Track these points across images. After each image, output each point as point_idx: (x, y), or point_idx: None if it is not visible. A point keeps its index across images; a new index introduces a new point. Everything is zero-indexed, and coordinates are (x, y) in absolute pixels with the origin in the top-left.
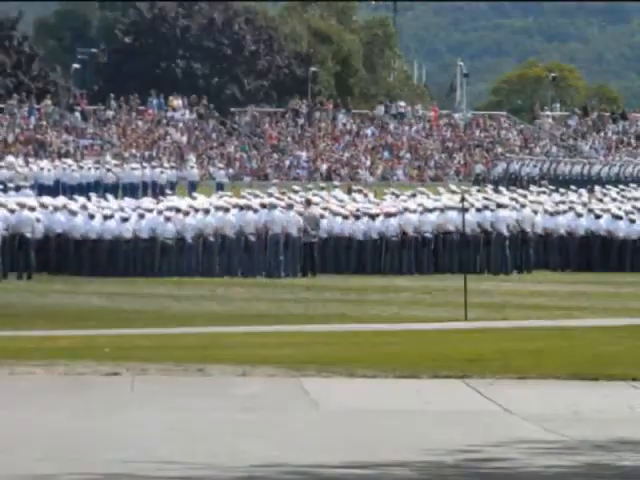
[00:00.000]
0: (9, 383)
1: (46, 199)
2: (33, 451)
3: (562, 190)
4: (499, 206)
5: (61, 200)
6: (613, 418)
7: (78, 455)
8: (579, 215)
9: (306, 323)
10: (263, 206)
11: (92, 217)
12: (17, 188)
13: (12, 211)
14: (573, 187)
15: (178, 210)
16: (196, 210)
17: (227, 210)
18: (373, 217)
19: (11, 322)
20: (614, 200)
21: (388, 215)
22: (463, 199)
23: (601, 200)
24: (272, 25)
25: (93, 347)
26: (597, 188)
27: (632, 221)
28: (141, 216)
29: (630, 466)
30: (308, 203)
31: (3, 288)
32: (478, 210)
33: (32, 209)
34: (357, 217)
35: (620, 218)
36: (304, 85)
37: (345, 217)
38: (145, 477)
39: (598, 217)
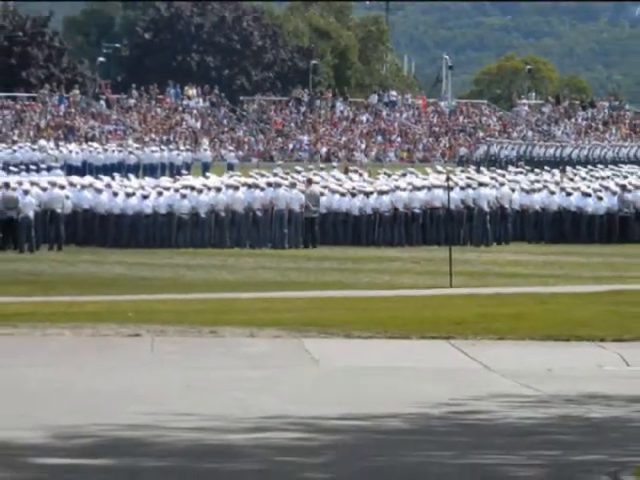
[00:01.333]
0: (41, 344)
1: (74, 178)
2: (62, 404)
3: (537, 170)
4: (480, 184)
5: (88, 179)
6: (582, 375)
7: (102, 408)
8: (552, 193)
9: (307, 289)
10: (269, 185)
11: (116, 194)
12: (48, 168)
13: (44, 189)
14: (547, 168)
15: (193, 188)
16: (209, 188)
17: (237, 188)
18: (367, 194)
19: (43, 289)
20: (583, 179)
21: (381, 193)
22: (448, 178)
23: (572, 179)
24: (277, 23)
25: (116, 311)
26: (568, 168)
27: (600, 198)
28: (160, 194)
29: (598, 418)
30: (309, 182)
31: (36, 258)
32: (462, 188)
33: (62, 187)
34: (353, 194)
35: (589, 195)
36: (306, 76)
37: (342, 194)
38: (163, 427)
39: (569, 194)
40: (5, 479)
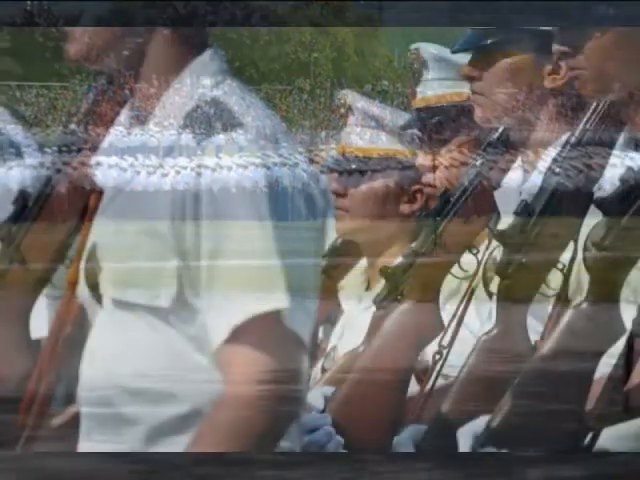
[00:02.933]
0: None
1: (101, 158)
2: (83, 358)
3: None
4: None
5: (113, 159)
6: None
7: (124, 363)
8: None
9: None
10: (274, 164)
11: (138, 173)
12: (78, 150)
13: (74, 168)
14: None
15: (207, 167)
16: (221, 167)
17: (246, 167)
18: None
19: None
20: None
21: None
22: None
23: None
24: (281, 20)
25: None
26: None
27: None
28: (177, 172)
29: (568, 371)
30: (310, 162)
31: None
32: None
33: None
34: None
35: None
36: (307, 68)
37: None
38: (179, 380)
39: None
40: (30, 426)
